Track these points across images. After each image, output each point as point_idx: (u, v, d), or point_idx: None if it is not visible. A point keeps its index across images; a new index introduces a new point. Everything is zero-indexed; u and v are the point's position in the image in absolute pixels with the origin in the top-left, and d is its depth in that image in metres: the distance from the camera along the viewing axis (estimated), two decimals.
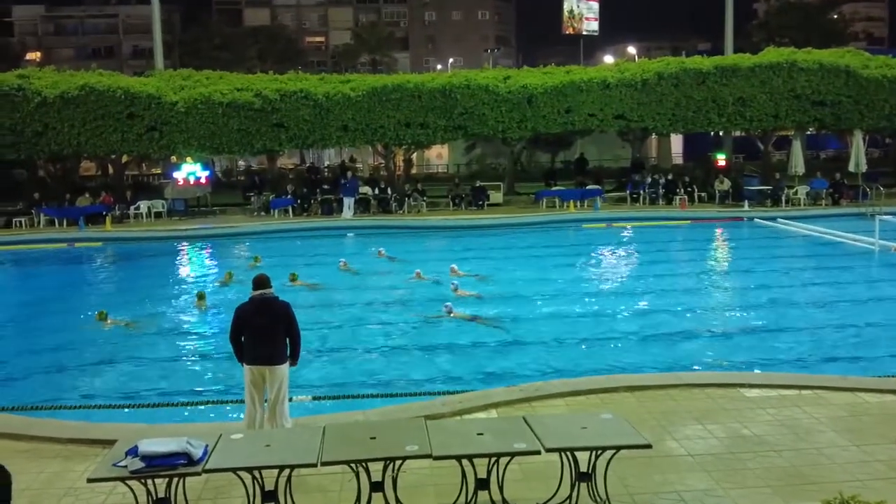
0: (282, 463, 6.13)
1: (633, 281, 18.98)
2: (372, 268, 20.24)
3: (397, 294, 17.10)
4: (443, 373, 11.85)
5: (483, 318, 14.77)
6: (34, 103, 28.64)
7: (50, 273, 21.95)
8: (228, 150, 31.76)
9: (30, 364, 12.92)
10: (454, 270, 18.36)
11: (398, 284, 18.07)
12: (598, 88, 31.10)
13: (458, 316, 14.69)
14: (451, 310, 14.77)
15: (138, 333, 14.63)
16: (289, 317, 8.31)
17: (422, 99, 30.78)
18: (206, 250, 25.86)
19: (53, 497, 7.19)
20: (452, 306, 14.89)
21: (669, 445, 8.03)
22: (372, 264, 20.75)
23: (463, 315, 14.77)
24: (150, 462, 5.90)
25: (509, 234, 26.28)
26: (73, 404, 10.54)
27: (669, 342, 13.23)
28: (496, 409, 8.97)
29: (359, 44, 79.10)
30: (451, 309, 14.78)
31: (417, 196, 31.39)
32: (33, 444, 8.46)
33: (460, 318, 14.62)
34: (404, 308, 15.89)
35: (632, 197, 31.88)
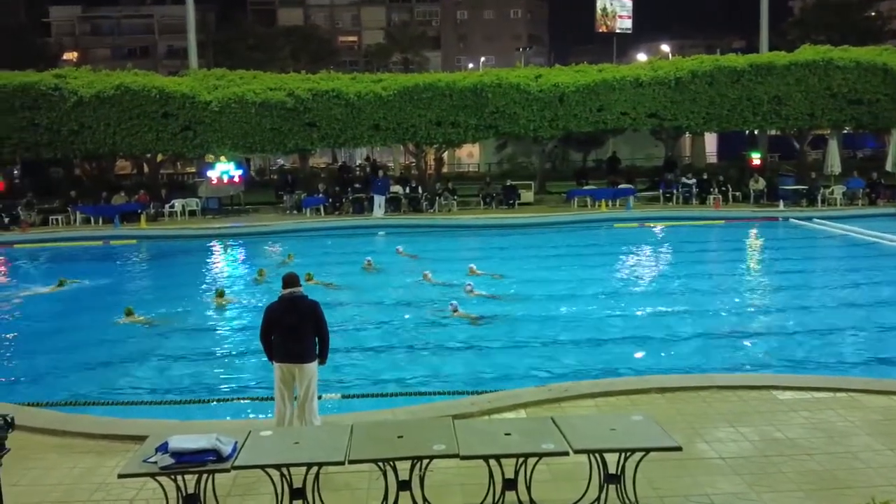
0: (310, 460, 6.15)
1: (665, 281, 18.80)
2: (392, 267, 20.21)
3: (407, 294, 17.01)
4: (464, 372, 11.83)
5: (487, 318, 14.69)
6: (71, 103, 29.10)
7: (85, 270, 22.22)
8: (261, 149, 32.04)
9: (63, 360, 13.10)
10: (472, 270, 18.29)
11: (408, 284, 17.95)
12: (630, 87, 30.88)
13: (462, 315, 14.65)
14: (456, 308, 14.76)
15: (168, 330, 14.79)
16: (317, 315, 8.35)
17: (453, 98, 30.77)
18: (238, 248, 26.08)
19: (85, 492, 7.28)
20: (458, 305, 14.86)
21: (700, 448, 7.94)
22: (394, 263, 20.72)
23: (468, 315, 14.73)
24: (180, 458, 5.96)
25: (540, 234, 26.18)
26: (106, 400, 10.67)
27: (702, 343, 13.09)
28: (525, 410, 8.93)
29: (391, 43, 79.29)
30: (455, 307, 14.77)
31: (448, 195, 31.39)
32: (67, 439, 8.58)
33: (464, 318, 14.59)
34: (410, 308, 15.80)
35: (664, 196, 31.61)
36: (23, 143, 29.71)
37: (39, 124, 29.31)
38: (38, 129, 29.38)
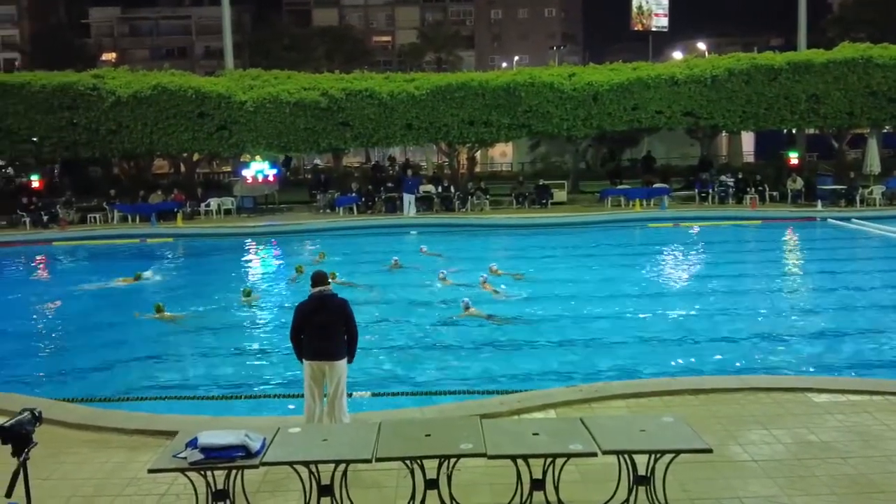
0: (337, 458, 6.16)
1: (699, 281, 18.59)
2: (418, 266, 20.12)
3: (430, 293, 16.96)
4: (489, 371, 11.80)
5: (499, 317, 14.64)
6: (109, 102, 29.52)
7: (123, 268, 22.52)
8: (295, 148, 32.28)
9: (97, 356, 13.29)
10: (493, 270, 18.22)
11: (430, 283, 17.89)
12: (665, 85, 30.60)
13: (474, 314, 14.62)
14: (468, 306, 14.74)
15: (199, 327, 14.95)
16: (347, 314, 8.37)
17: (486, 97, 30.72)
18: (272, 247, 26.28)
19: (117, 486, 7.36)
20: (469, 302, 14.83)
21: (733, 450, 7.82)
22: (418, 262, 20.65)
23: (479, 314, 14.69)
24: (209, 454, 5.99)
25: (573, 234, 26.02)
26: (138, 396, 10.80)
27: (736, 345, 12.92)
28: (554, 410, 8.87)
29: (425, 43, 79.40)
30: (468, 305, 14.75)
31: (481, 194, 31.36)
32: (100, 434, 8.68)
33: (476, 316, 14.56)
34: (434, 307, 15.77)
35: (700, 196, 31.27)
36: (62, 142, 30.22)
37: (78, 124, 29.78)
38: (77, 128, 29.86)
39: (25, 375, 12.25)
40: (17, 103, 29.51)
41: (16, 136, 29.96)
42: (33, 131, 29.95)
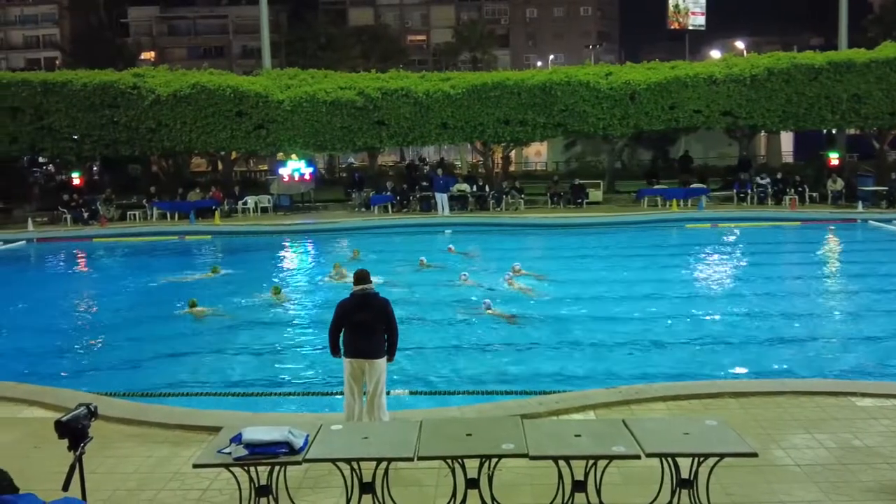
0: (380, 456, 6.19)
1: (738, 283, 18.40)
2: (446, 265, 20.08)
3: (456, 293, 16.90)
4: (524, 371, 11.77)
5: (520, 317, 14.63)
6: (149, 101, 29.91)
7: (161, 264, 22.85)
8: (331, 147, 32.46)
9: (137, 351, 13.50)
10: (516, 269, 18.17)
11: (453, 283, 17.81)
12: (704, 84, 30.30)
13: (495, 314, 14.60)
14: (490, 306, 14.73)
15: (235, 323, 15.10)
16: (388, 313, 8.40)
17: (521, 96, 30.65)
18: (308, 245, 26.47)
19: (161, 480, 7.46)
20: (491, 303, 14.84)
21: (775, 454, 7.74)
22: (446, 261, 20.59)
23: (501, 314, 14.68)
24: (253, 450, 6.05)
25: (609, 233, 25.88)
26: (179, 391, 10.94)
27: (776, 348, 12.77)
28: (594, 411, 8.84)
29: (460, 42, 79.30)
30: (489, 305, 14.74)
31: (515, 194, 31.30)
32: (143, 428, 8.80)
33: (498, 316, 14.55)
34: (460, 306, 15.70)
35: (739, 196, 30.91)
36: (102, 139, 30.68)
37: (119, 122, 30.22)
38: (118, 126, 30.29)
39: (68, 369, 12.47)
40: (59, 101, 30.03)
41: (58, 133, 30.48)
42: (75, 129, 30.45)
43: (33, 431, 8.73)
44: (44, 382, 10.69)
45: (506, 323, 14.43)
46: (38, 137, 30.62)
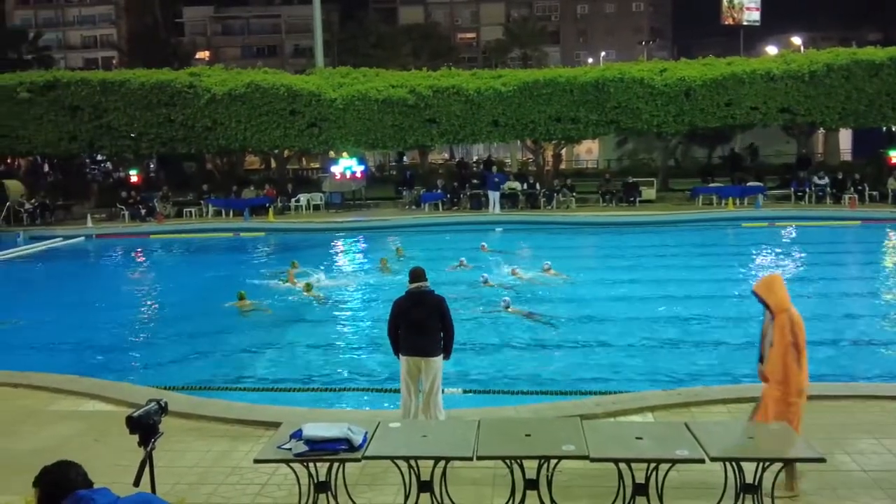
0: (439, 454, 6.17)
1: (797, 284, 17.94)
2: (482, 264, 19.79)
3: (477, 292, 16.68)
4: (570, 372, 11.67)
5: (539, 314, 14.61)
6: (204, 100, 30.37)
7: (217, 260, 23.22)
8: (383, 145, 32.64)
9: (197, 345, 13.71)
10: (546, 269, 18.06)
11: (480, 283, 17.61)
12: (761, 80, 29.74)
13: (515, 312, 14.59)
14: (509, 304, 14.68)
15: (286, 318, 15.24)
16: (443, 310, 8.36)
17: (573, 93, 30.43)
18: (357, 242, 26.63)
19: (220, 475, 7.53)
20: (510, 301, 14.80)
21: (841, 459, 7.53)
22: (482, 260, 20.37)
23: (520, 311, 14.67)
24: (314, 446, 6.07)
25: (662, 232, 25.54)
26: (236, 386, 11.06)
27: (840, 350, 12.45)
28: (652, 413, 8.70)
29: (510, 39, 79.05)
30: (508, 304, 14.69)
31: (567, 192, 31.07)
32: (202, 422, 8.89)
33: (517, 314, 14.54)
34: (486, 305, 15.58)
35: (796, 195, 30.25)
36: (159, 138, 31.25)
37: (175, 120, 30.74)
38: (174, 124, 30.82)
39: (127, 363, 12.71)
40: (117, 100, 30.68)
41: (116, 131, 31.13)
42: (132, 127, 31.07)
43: (94, 425, 8.89)
44: (103, 376, 10.89)
45: (549, 323, 14.34)
46: (96, 136, 31.31)
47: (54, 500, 3.57)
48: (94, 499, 3.50)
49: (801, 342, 6.92)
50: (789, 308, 7.02)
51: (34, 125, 30.93)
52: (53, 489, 3.58)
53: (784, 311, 7.00)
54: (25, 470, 7.54)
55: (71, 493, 3.53)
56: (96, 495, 3.51)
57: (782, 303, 7.05)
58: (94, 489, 3.58)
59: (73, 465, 3.68)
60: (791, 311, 7.00)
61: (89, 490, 3.55)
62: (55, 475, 3.62)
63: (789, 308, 7.02)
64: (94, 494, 3.51)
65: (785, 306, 7.01)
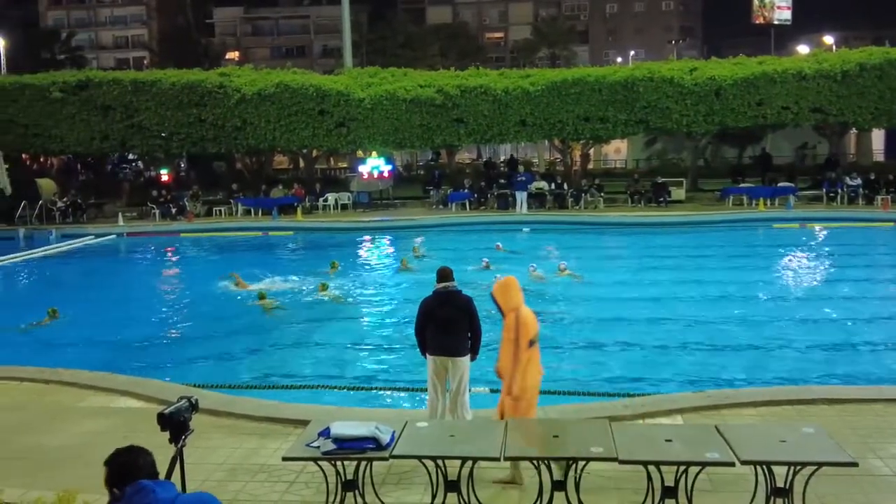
0: (467, 454, 6.17)
1: (829, 285, 17.78)
2: (500, 264, 19.71)
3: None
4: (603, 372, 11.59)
5: (545, 313, 14.33)
6: (234, 100, 30.61)
7: (246, 259, 23.35)
8: (410, 144, 32.72)
9: (225, 343, 13.81)
10: (562, 269, 18.01)
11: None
12: (793, 80, 29.41)
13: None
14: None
15: (309, 316, 15.31)
16: (471, 310, 8.32)
17: (602, 93, 30.29)
18: (383, 241, 26.71)
19: (248, 472, 7.56)
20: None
21: (873, 464, 7.41)
22: (496, 260, 20.15)
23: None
24: (342, 444, 6.10)
25: (692, 233, 25.33)
26: (264, 384, 11.12)
27: (872, 353, 12.27)
28: (681, 415, 8.62)
29: (538, 38, 78.92)
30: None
31: (595, 192, 30.93)
32: (231, 420, 8.94)
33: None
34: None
35: (828, 196, 29.87)
36: (190, 137, 31.54)
37: (206, 120, 31.00)
38: (205, 124, 31.09)
39: (156, 360, 12.81)
40: (148, 100, 31.01)
41: (147, 131, 31.47)
42: (163, 127, 31.39)
43: (125, 421, 8.98)
44: (135, 373, 11.00)
45: (579, 322, 14.30)
46: (128, 135, 31.68)
47: (119, 482, 3.62)
48: (156, 491, 3.53)
49: (523, 341, 7.09)
50: (518, 308, 7.22)
51: (67, 125, 31.36)
52: (120, 470, 3.64)
53: (512, 311, 7.20)
54: (56, 465, 7.74)
55: (136, 481, 3.58)
56: (158, 488, 3.55)
57: (511, 303, 7.24)
58: (158, 482, 3.63)
59: (144, 451, 3.74)
60: (520, 311, 7.20)
61: (153, 481, 3.59)
62: (125, 458, 3.68)
63: (518, 308, 7.22)
64: (156, 487, 3.55)
65: (513, 306, 7.22)
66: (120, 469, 3.66)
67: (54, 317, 15.03)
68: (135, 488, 3.55)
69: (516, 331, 7.11)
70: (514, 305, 7.23)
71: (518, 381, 7.10)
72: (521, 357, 7.09)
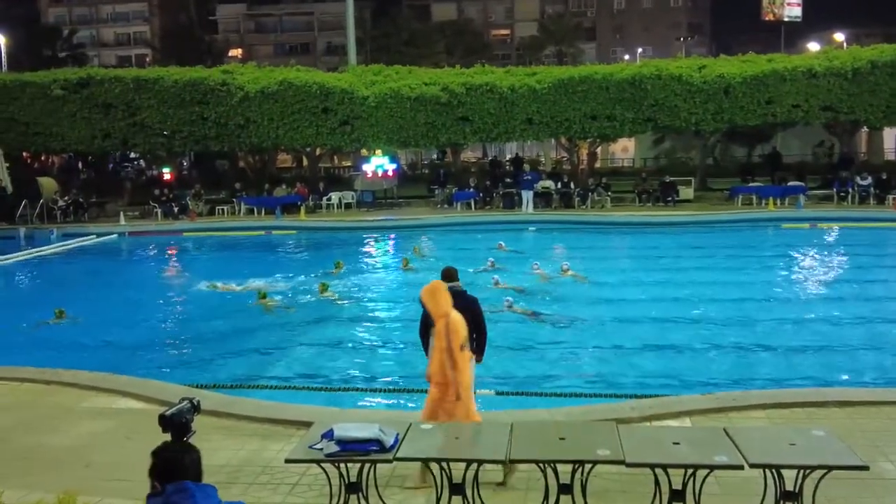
0: (471, 457, 6.16)
1: (839, 286, 17.71)
2: (506, 265, 19.69)
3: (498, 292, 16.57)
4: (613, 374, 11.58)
5: (543, 314, 14.67)
6: (237, 97, 30.63)
7: (249, 258, 23.39)
8: (415, 143, 32.71)
9: (227, 343, 13.83)
10: (564, 269, 17.99)
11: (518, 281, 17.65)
12: (803, 78, 29.34)
13: (518, 311, 14.62)
14: (512, 304, 14.72)
15: (318, 318, 15.32)
16: (476, 311, 8.29)
17: (610, 90, 30.25)
18: (388, 241, 26.72)
19: (251, 474, 7.57)
20: (512, 301, 14.86)
21: (884, 467, 7.38)
22: (504, 261, 20.18)
23: (523, 311, 14.73)
24: (345, 446, 6.09)
25: (700, 233, 25.28)
26: (266, 384, 11.11)
27: (882, 355, 12.23)
28: (689, 418, 8.60)
29: (545, 35, 78.79)
30: (511, 303, 14.73)
31: (602, 191, 30.90)
32: (232, 421, 8.94)
33: (521, 313, 14.58)
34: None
35: (839, 195, 29.77)
36: (192, 135, 31.59)
37: (208, 118, 31.04)
38: (207, 122, 31.13)
39: (157, 361, 12.83)
40: (150, 98, 31.06)
41: (149, 129, 31.53)
42: (165, 125, 31.44)
43: (126, 422, 8.99)
44: (136, 374, 11.01)
45: (587, 325, 14.29)
46: (129, 133, 31.74)
47: (162, 477, 3.66)
48: (196, 496, 3.54)
49: (455, 347, 7.15)
50: (447, 314, 7.23)
51: (68, 123, 31.44)
52: (165, 466, 3.69)
53: (442, 318, 7.23)
54: (56, 467, 7.75)
55: (180, 480, 3.60)
56: (199, 493, 3.56)
57: (440, 309, 7.26)
58: (201, 485, 3.64)
59: (191, 450, 3.79)
60: (449, 317, 7.22)
61: (197, 484, 3.60)
62: (170, 454, 3.74)
63: (447, 314, 7.23)
64: (198, 491, 3.56)
65: (442, 312, 7.23)
66: (165, 464, 3.70)
67: (61, 317, 15.09)
68: (177, 487, 3.58)
69: (447, 338, 7.15)
70: (444, 311, 7.25)
71: (464, 384, 7.22)
72: (458, 360, 7.16)
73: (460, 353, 7.19)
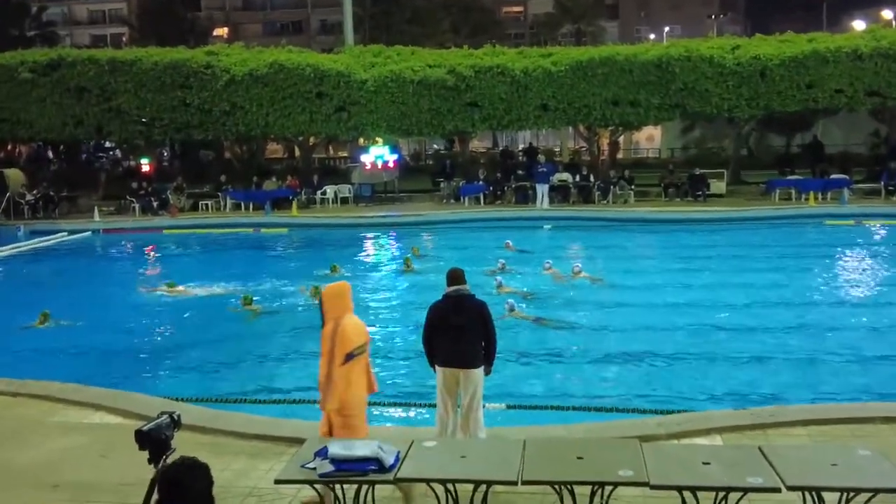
0: (480, 478, 6.16)
1: (888, 290, 17.67)
2: (514, 265, 19.76)
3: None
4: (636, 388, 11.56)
5: (546, 319, 14.78)
6: (223, 81, 30.68)
7: (236, 259, 23.42)
8: (418, 131, 32.73)
9: (211, 353, 13.86)
10: (576, 271, 18.07)
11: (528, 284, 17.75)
12: (847, 59, 29.28)
13: (520, 316, 14.70)
14: (513, 307, 14.80)
15: (309, 325, 15.29)
16: (484, 316, 8.33)
17: (633, 73, 30.25)
18: (389, 240, 26.72)
19: (237, 496, 7.57)
20: (514, 304, 14.96)
21: None
22: (504, 258, 20.14)
23: (526, 316, 14.84)
24: (341, 466, 6.10)
25: (734, 231, 25.27)
26: (254, 398, 11.13)
27: None
28: (720, 435, 8.60)
29: (561, 12, 78.57)
30: (512, 306, 14.80)
31: (624, 184, 30.90)
32: (217, 437, 8.97)
33: (523, 318, 14.67)
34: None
35: (887, 189, 29.69)
36: (173, 123, 31.67)
37: (191, 104, 31.09)
38: (190, 108, 31.19)
39: (136, 372, 12.87)
40: (127, 81, 31.15)
41: (126, 116, 31.61)
42: (144, 111, 31.51)
43: (100, 438, 9.01)
44: (111, 385, 11.03)
45: (601, 330, 14.30)
46: (104, 120, 31.83)
47: (165, 494, 3.75)
48: None
49: (338, 353, 7.19)
50: (340, 318, 7.31)
51: (37, 108, 31.52)
52: (170, 489, 3.78)
53: (332, 321, 7.30)
54: (23, 485, 7.77)
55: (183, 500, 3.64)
56: None
57: (333, 311, 7.35)
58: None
59: (199, 467, 3.88)
60: (340, 321, 7.28)
61: None
62: (180, 476, 3.82)
63: (340, 318, 7.31)
64: None
65: (334, 315, 7.31)
66: (170, 487, 3.77)
67: (46, 321, 15.17)
68: None
69: (332, 342, 7.22)
70: (336, 314, 7.31)
71: (335, 396, 7.24)
72: (333, 371, 7.21)
73: (342, 363, 7.19)
